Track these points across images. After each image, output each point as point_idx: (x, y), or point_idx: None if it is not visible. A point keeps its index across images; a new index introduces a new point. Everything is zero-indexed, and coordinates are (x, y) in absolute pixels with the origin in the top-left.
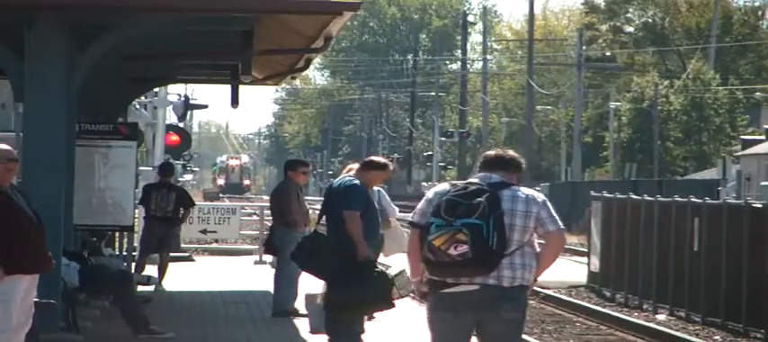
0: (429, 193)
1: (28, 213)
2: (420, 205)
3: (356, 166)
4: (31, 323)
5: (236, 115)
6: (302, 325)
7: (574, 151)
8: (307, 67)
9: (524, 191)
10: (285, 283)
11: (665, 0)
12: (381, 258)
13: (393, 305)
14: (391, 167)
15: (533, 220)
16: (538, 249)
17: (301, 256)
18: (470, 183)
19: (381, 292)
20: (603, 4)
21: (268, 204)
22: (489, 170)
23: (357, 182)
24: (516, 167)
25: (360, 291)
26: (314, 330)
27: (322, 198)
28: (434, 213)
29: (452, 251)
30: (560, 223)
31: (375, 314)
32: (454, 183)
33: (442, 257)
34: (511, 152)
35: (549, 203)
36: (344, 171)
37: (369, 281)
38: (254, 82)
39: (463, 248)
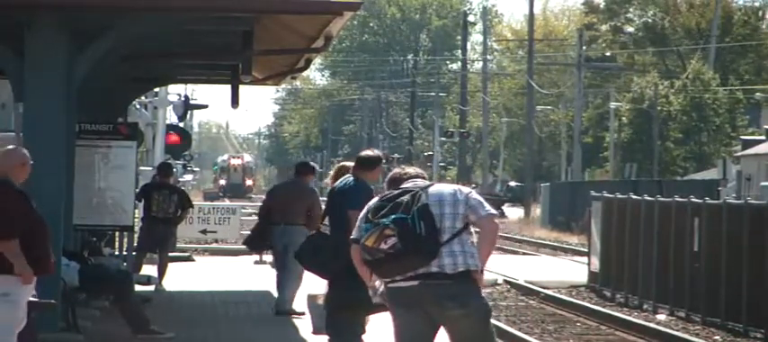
0: (363, 210)
1: (39, 214)
2: (358, 222)
3: (349, 164)
4: (25, 322)
5: (236, 115)
6: (302, 325)
7: (574, 151)
8: (307, 67)
9: (448, 185)
10: (293, 283)
11: (665, 0)
12: None
13: None
14: (383, 160)
15: (463, 206)
16: (474, 240)
17: (306, 255)
18: (395, 189)
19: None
20: (603, 4)
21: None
22: (404, 183)
23: (365, 183)
24: (425, 179)
25: (362, 291)
26: (316, 330)
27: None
28: (363, 221)
29: (383, 246)
30: (492, 209)
31: (377, 314)
32: (381, 194)
33: (376, 255)
34: (416, 169)
35: (474, 193)
36: (337, 167)
37: None
38: (254, 82)
39: (392, 240)
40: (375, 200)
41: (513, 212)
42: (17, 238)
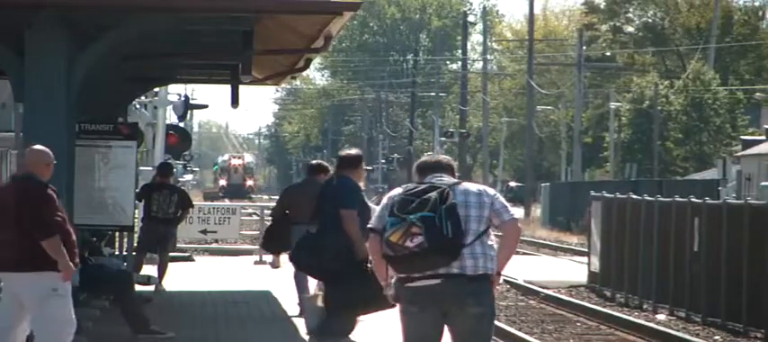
0: (384, 199)
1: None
2: (377, 212)
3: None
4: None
5: (236, 115)
6: (302, 325)
7: (574, 151)
8: (307, 67)
9: (475, 185)
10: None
11: (665, 0)
12: None
13: (393, 305)
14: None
15: (488, 209)
16: (494, 242)
17: (303, 257)
18: (421, 183)
19: (381, 291)
20: (603, 4)
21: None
22: (431, 175)
23: (353, 181)
24: (454, 171)
25: (361, 290)
26: (310, 331)
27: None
28: (388, 213)
29: (409, 243)
30: (513, 213)
31: (374, 313)
32: (406, 186)
33: (400, 251)
34: (446, 157)
35: (500, 195)
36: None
37: (369, 280)
38: (254, 82)
39: (419, 239)
40: (399, 192)
41: (513, 213)
42: (58, 235)
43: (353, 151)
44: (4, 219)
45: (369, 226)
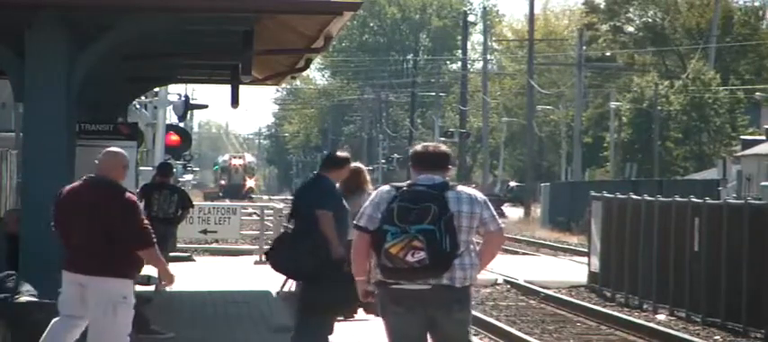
0: (373, 196)
1: None
2: (367, 209)
3: (360, 165)
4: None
5: (236, 115)
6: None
7: (574, 151)
8: (307, 66)
9: (466, 191)
10: None
11: (665, 0)
12: None
13: (374, 310)
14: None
15: (477, 220)
16: (477, 249)
17: (278, 256)
18: (415, 185)
19: (358, 293)
20: (603, 4)
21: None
22: (425, 168)
23: (330, 181)
24: (449, 162)
25: (336, 292)
26: (278, 329)
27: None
28: (386, 220)
29: (410, 258)
30: (500, 223)
31: (351, 317)
32: (396, 185)
33: (399, 264)
34: (442, 147)
35: (489, 203)
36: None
37: (345, 281)
38: (254, 82)
39: (420, 255)
40: (391, 192)
41: (514, 212)
42: (155, 244)
43: (342, 153)
44: (84, 222)
45: (356, 223)
